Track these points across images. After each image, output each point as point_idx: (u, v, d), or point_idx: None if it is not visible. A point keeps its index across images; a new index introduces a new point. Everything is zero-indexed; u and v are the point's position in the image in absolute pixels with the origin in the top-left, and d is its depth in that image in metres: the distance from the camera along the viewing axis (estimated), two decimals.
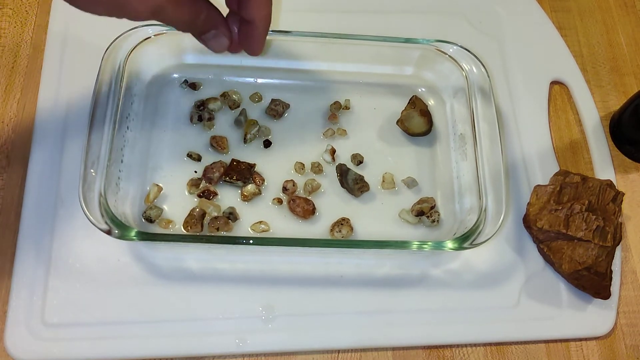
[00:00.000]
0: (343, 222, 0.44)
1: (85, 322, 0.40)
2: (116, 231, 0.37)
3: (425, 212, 0.45)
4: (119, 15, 0.33)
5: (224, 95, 0.48)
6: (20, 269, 0.41)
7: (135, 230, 0.38)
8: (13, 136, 0.46)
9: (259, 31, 0.38)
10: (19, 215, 0.43)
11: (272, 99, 0.48)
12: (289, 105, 0.48)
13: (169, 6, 0.33)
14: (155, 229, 0.43)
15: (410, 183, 0.46)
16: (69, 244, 0.42)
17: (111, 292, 0.41)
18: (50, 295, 0.41)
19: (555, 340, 0.44)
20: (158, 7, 0.33)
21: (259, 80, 0.49)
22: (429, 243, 0.40)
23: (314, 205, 0.44)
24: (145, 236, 0.38)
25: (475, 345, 0.43)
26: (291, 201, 0.44)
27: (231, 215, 0.43)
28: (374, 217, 0.45)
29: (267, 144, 0.47)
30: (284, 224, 0.44)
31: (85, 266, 0.42)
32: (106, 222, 0.38)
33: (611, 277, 0.43)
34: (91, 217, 0.37)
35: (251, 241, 0.39)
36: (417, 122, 0.47)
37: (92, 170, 0.39)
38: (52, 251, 0.42)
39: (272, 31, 0.45)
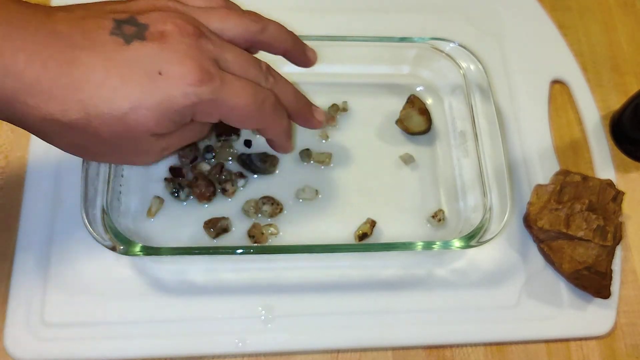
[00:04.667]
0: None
1: (85, 322, 0.40)
2: (121, 247, 0.37)
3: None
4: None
5: None
6: (19, 269, 0.41)
7: (140, 245, 0.38)
8: (12, 136, 0.46)
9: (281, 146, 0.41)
10: (19, 215, 0.43)
11: None
12: None
13: (167, 153, 0.36)
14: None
15: (408, 159, 0.46)
16: (69, 243, 0.42)
17: (111, 292, 0.41)
18: (49, 295, 0.41)
19: (556, 340, 0.44)
20: (160, 157, 0.36)
21: None
22: (437, 243, 0.40)
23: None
24: (150, 251, 0.38)
25: (475, 345, 0.43)
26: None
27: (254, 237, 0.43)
28: (376, 218, 0.45)
29: (248, 143, 0.46)
30: (288, 228, 0.44)
31: (85, 266, 0.42)
32: (111, 239, 0.38)
33: (611, 277, 0.43)
34: (96, 235, 0.37)
35: (252, 250, 0.39)
36: (417, 121, 0.47)
37: (92, 187, 0.39)
38: (52, 251, 0.42)
39: None
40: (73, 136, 0.31)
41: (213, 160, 0.45)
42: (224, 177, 0.44)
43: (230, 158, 0.45)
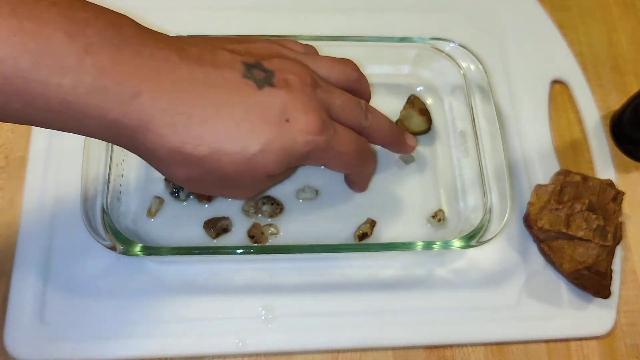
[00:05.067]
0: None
1: (85, 322, 0.40)
2: (121, 247, 0.37)
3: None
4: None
5: None
6: (19, 269, 0.41)
7: (140, 245, 0.38)
8: (12, 136, 0.46)
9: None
10: (19, 215, 0.43)
11: None
12: None
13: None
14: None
15: (407, 159, 0.47)
16: (69, 243, 0.42)
17: (111, 292, 0.41)
18: (49, 295, 0.41)
19: (556, 340, 0.44)
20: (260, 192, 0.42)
21: None
22: (437, 243, 0.40)
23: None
24: (150, 251, 0.38)
25: (475, 345, 0.43)
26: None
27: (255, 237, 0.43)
28: (376, 218, 0.45)
29: None
30: (288, 228, 0.44)
31: (85, 265, 0.42)
32: (111, 239, 0.38)
33: (611, 277, 0.43)
34: (96, 235, 0.37)
35: (252, 250, 0.39)
36: (417, 121, 0.47)
37: (92, 187, 0.39)
38: (51, 251, 0.42)
39: (265, 36, 0.45)
40: (195, 169, 0.32)
41: None
42: None
43: None
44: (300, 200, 0.45)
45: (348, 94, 0.37)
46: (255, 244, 0.43)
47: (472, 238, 0.40)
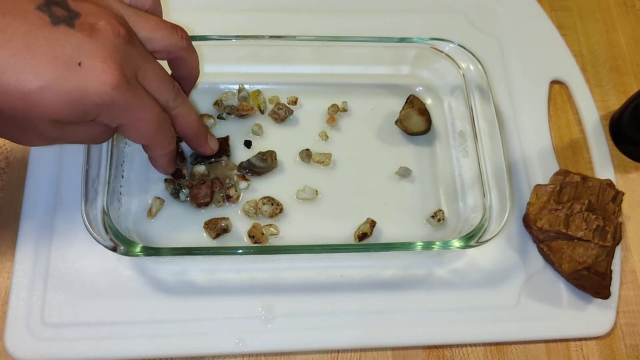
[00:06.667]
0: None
1: (85, 322, 0.40)
2: (122, 247, 0.37)
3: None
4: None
5: (217, 103, 0.48)
6: (19, 269, 0.41)
7: (141, 245, 0.38)
8: None
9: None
10: (19, 215, 0.43)
11: (277, 103, 0.48)
12: (292, 111, 0.48)
13: (54, 143, 0.34)
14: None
15: (404, 172, 0.46)
16: (69, 244, 0.42)
17: (111, 292, 0.41)
18: (49, 295, 0.41)
19: (555, 340, 0.44)
20: (45, 144, 0.34)
21: (255, 87, 0.49)
22: (437, 243, 0.40)
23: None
24: (150, 251, 0.38)
25: (475, 345, 0.43)
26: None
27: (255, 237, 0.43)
28: (376, 218, 0.45)
29: (248, 144, 0.47)
30: (288, 228, 0.44)
31: (85, 266, 0.42)
32: (111, 239, 0.38)
33: (611, 277, 0.43)
34: (96, 236, 0.37)
35: (252, 250, 0.40)
36: (416, 121, 0.47)
37: (93, 188, 0.39)
38: (52, 251, 0.42)
39: (263, 37, 0.45)
40: None
41: (208, 175, 0.45)
42: (227, 182, 0.44)
43: (232, 171, 0.45)
44: (300, 200, 0.45)
45: (162, 68, 0.35)
46: (255, 244, 0.43)
47: (472, 238, 0.40)
